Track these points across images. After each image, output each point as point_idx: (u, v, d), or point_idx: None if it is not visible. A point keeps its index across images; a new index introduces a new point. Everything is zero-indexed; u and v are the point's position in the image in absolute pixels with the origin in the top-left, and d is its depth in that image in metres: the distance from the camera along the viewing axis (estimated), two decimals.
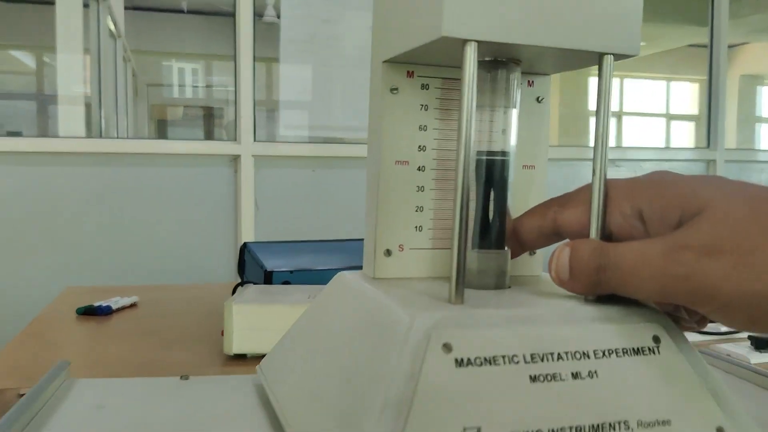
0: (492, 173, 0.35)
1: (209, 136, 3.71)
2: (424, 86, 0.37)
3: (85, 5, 2.24)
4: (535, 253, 0.40)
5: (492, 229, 0.35)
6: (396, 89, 0.36)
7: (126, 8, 2.92)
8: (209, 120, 3.77)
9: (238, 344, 0.64)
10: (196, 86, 3.91)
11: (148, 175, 1.93)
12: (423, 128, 0.37)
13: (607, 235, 0.33)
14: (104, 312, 0.87)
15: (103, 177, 1.88)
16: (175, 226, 1.94)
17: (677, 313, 0.33)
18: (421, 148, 0.37)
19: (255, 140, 2.00)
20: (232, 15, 1.99)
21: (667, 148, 3.14)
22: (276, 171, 2.04)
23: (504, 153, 0.35)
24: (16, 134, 2.76)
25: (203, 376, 0.46)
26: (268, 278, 0.96)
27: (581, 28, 0.31)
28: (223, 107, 3.47)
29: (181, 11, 3.65)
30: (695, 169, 2.50)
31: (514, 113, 0.35)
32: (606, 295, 0.32)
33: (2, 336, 0.79)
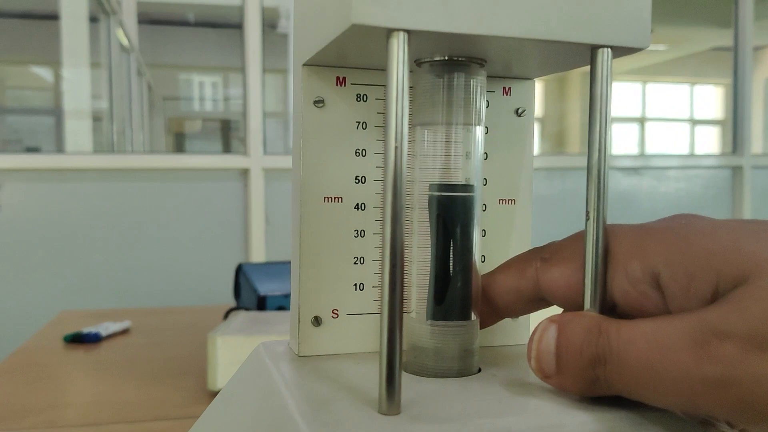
0: (451, 214, 0.25)
1: (227, 148, 3.65)
2: (360, 97, 0.27)
3: (95, 19, 2.20)
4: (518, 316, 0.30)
5: (452, 292, 0.25)
6: (321, 101, 0.27)
7: (140, 22, 2.87)
8: (227, 133, 3.72)
9: (222, 380, 0.58)
10: (216, 99, 3.87)
11: (156, 190, 1.88)
12: (361, 153, 0.27)
13: (609, 306, 0.23)
14: (92, 340, 0.82)
15: (111, 193, 1.84)
16: (184, 242, 1.88)
17: (712, 420, 0.23)
18: (360, 180, 0.27)
19: (265, 153, 1.94)
20: (239, 27, 1.93)
21: (692, 154, 2.99)
22: (287, 184, 1.96)
23: (467, 186, 0.25)
24: (34, 150, 2.74)
25: None
26: (262, 303, 0.91)
27: (563, 10, 0.21)
28: (240, 120, 3.42)
29: (197, 24, 3.62)
30: (721, 176, 2.35)
31: (480, 131, 0.26)
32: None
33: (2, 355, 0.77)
